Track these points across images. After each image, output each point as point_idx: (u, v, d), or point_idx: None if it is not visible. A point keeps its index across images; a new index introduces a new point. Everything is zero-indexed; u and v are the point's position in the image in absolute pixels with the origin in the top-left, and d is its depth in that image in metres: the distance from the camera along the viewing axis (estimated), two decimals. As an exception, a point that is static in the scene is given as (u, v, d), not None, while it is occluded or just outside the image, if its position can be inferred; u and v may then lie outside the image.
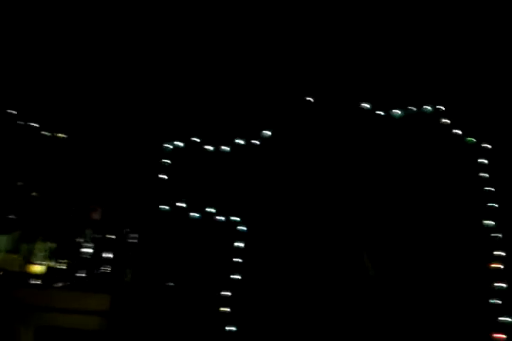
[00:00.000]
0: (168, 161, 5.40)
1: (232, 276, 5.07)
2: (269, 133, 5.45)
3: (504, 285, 4.76)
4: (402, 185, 5.14)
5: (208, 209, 5.28)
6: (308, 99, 5.48)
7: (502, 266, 4.84)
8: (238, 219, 5.26)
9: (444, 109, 5.35)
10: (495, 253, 4.86)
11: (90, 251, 5.48)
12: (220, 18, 5.65)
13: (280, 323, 4.89)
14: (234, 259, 5.12)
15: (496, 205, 5.01)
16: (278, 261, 5.05)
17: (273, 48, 5.54)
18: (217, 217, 5.26)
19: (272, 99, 5.48)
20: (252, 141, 5.45)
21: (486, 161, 5.16)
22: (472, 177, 5.11)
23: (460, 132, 5.25)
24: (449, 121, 5.30)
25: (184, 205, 5.29)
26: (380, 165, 5.22)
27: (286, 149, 5.37)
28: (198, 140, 5.48)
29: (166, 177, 5.37)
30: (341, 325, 4.83)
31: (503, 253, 4.88)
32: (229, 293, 5.04)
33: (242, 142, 5.46)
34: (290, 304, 4.92)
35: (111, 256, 5.44)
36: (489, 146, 5.21)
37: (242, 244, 5.16)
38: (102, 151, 5.58)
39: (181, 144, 5.46)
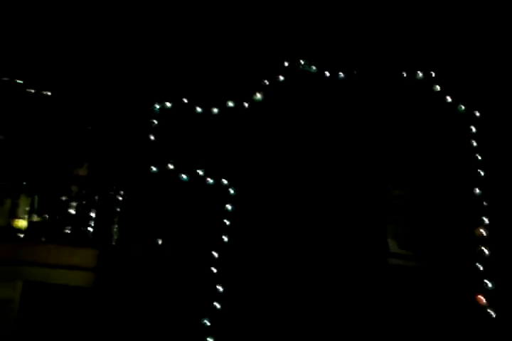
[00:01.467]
0: (156, 121, 5.34)
1: (220, 238, 5.08)
2: (261, 96, 5.38)
3: (487, 250, 4.86)
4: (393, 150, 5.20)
5: (196, 171, 5.25)
6: (301, 62, 5.42)
7: (485, 233, 4.93)
8: (226, 181, 5.24)
9: (434, 75, 5.33)
10: (480, 219, 4.96)
11: (75, 205, 5.46)
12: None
13: (269, 284, 4.93)
14: (222, 221, 5.12)
15: (483, 174, 5.07)
16: (271, 224, 5.07)
17: (268, 10, 5.44)
18: (206, 179, 5.24)
19: (264, 62, 5.42)
20: (243, 104, 5.39)
21: (474, 129, 5.19)
22: (462, 145, 5.16)
23: (450, 99, 5.26)
24: (439, 88, 5.29)
25: (172, 167, 5.26)
26: (373, 129, 5.23)
27: (277, 112, 5.33)
28: (187, 101, 5.41)
29: (153, 137, 5.32)
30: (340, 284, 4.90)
31: (487, 220, 4.98)
32: (216, 254, 5.05)
33: (231, 104, 5.40)
34: (280, 265, 4.96)
35: (97, 212, 5.43)
36: (478, 114, 5.23)
37: (230, 207, 5.16)
38: (91, 109, 5.51)
39: (170, 105, 5.40)
